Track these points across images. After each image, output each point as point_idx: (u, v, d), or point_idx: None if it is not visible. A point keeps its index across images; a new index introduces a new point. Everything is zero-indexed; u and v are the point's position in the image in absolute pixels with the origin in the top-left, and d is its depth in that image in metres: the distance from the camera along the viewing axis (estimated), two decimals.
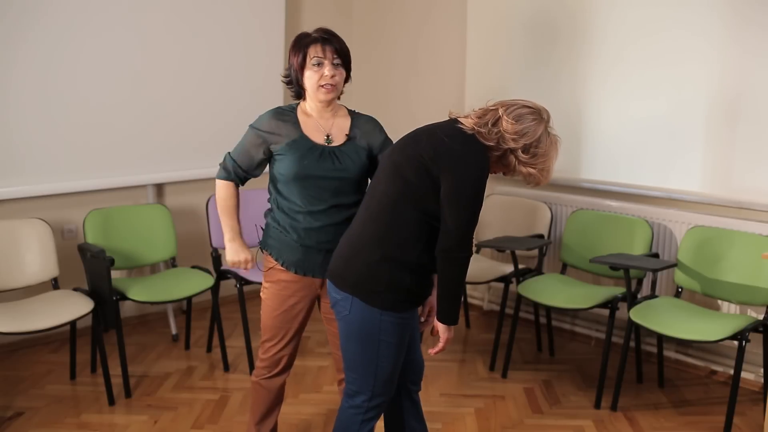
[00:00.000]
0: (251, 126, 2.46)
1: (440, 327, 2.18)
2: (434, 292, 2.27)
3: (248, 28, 4.50)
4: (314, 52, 2.35)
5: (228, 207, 2.52)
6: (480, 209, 2.08)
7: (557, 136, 2.15)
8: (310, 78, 2.37)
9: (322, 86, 2.36)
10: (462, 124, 2.11)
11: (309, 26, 2.50)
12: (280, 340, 2.53)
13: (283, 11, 4.65)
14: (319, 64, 2.35)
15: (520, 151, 2.08)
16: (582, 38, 3.87)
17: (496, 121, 2.08)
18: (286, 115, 2.43)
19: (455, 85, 4.55)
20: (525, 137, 2.07)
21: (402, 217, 2.08)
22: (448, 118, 2.18)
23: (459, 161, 2.03)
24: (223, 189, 2.52)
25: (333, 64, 2.36)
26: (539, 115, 2.12)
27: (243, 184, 2.56)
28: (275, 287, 2.49)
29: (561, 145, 2.16)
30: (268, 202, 2.54)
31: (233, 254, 2.53)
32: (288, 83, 2.47)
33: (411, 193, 2.07)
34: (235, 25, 4.44)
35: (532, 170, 2.11)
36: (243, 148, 2.47)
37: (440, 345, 2.21)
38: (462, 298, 2.24)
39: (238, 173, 2.50)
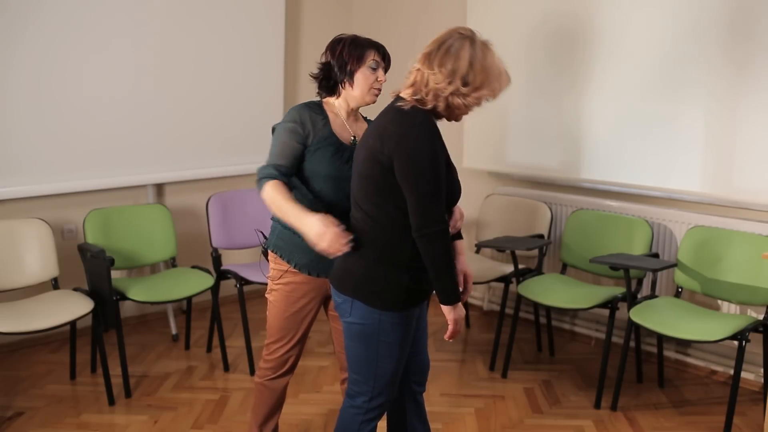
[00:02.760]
0: (283, 122, 2.39)
1: (444, 310, 2.10)
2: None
3: (247, 27, 4.49)
4: (373, 55, 2.41)
5: (285, 199, 2.22)
6: (440, 180, 2.01)
7: (486, 40, 2.05)
8: (365, 78, 2.39)
9: (374, 89, 2.42)
10: (402, 100, 2.07)
11: (309, 26, 2.51)
12: (288, 341, 2.52)
13: (283, 11, 4.65)
14: (376, 68, 2.41)
15: (461, 88, 2.01)
16: (582, 38, 3.87)
17: (427, 81, 2.03)
18: (316, 110, 2.42)
19: None
20: (457, 73, 2.00)
21: (384, 216, 2.07)
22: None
23: (400, 142, 2.00)
24: (272, 189, 2.24)
25: (383, 70, 2.45)
26: (456, 39, 2.03)
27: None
28: (285, 289, 2.47)
29: (494, 45, 2.05)
30: None
31: (319, 225, 2.10)
32: (322, 78, 2.45)
33: (380, 191, 2.06)
34: (234, 25, 4.44)
35: (483, 92, 2.04)
36: (282, 145, 2.35)
37: (450, 327, 2.12)
38: (456, 275, 2.10)
39: (284, 172, 2.32)
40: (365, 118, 2.54)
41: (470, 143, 4.46)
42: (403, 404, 2.40)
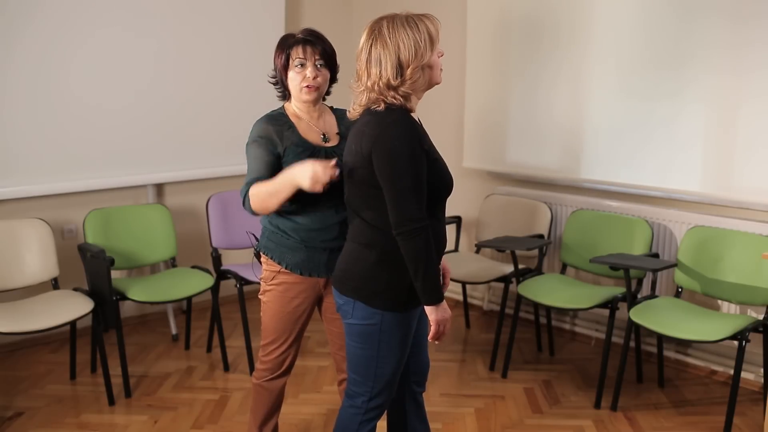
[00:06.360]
0: (250, 141, 2.39)
1: (426, 310, 2.08)
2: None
3: (248, 27, 4.50)
4: (297, 53, 2.38)
5: (266, 184, 2.26)
6: (419, 177, 1.99)
7: (401, 15, 2.07)
8: (293, 79, 2.39)
9: (305, 87, 2.38)
10: (376, 105, 2.06)
11: (310, 24, 2.51)
12: (283, 342, 2.51)
13: (283, 11, 4.65)
14: (302, 66, 2.38)
15: (396, 76, 2.01)
16: (582, 37, 3.87)
17: (386, 83, 2.02)
18: (278, 119, 2.41)
19: (455, 84, 4.55)
20: (387, 64, 2.01)
21: (382, 218, 2.06)
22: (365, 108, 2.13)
23: (377, 141, 2.00)
24: (253, 190, 2.29)
25: (315, 65, 2.38)
26: (368, 35, 2.06)
27: None
28: (278, 290, 2.46)
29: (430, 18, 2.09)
30: None
31: (307, 169, 2.12)
32: (275, 84, 2.48)
33: (376, 195, 2.05)
34: (235, 25, 4.44)
35: (418, 75, 2.03)
36: (255, 161, 2.36)
37: (432, 328, 2.09)
38: (437, 275, 2.07)
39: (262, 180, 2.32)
40: (334, 109, 2.52)
41: (470, 143, 4.46)
42: (403, 404, 2.40)
